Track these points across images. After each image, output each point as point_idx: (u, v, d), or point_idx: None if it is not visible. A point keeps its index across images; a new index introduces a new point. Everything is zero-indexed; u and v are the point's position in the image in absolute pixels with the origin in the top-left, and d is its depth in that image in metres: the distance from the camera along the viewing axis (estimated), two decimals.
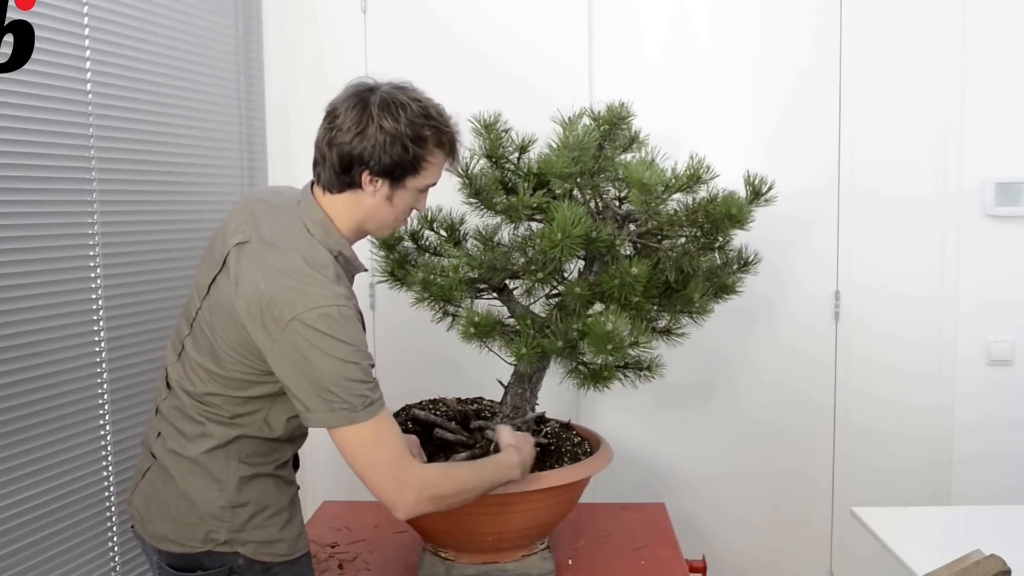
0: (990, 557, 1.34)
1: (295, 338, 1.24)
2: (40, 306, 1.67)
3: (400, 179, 1.35)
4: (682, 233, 1.65)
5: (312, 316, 1.24)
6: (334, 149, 1.33)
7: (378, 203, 1.37)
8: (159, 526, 1.39)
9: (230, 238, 1.36)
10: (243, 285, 1.29)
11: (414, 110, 1.33)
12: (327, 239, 1.35)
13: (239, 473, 1.36)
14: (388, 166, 1.33)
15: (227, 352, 1.32)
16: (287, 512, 1.43)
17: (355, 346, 1.27)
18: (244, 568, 1.37)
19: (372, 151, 1.31)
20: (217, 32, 2.31)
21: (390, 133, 1.31)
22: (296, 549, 1.42)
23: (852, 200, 2.47)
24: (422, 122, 1.33)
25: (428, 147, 1.35)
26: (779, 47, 2.47)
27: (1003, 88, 2.39)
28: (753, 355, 2.54)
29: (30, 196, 1.65)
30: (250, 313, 1.27)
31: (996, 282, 2.44)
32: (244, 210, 1.41)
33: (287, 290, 1.25)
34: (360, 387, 1.27)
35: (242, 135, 2.44)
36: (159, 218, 2.04)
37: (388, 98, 1.32)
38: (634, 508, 2.10)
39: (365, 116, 1.31)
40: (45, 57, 1.65)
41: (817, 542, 2.56)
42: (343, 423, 1.27)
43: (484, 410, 1.88)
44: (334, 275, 1.31)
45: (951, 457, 2.48)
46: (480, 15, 2.53)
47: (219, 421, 1.36)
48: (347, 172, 1.34)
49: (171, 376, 1.41)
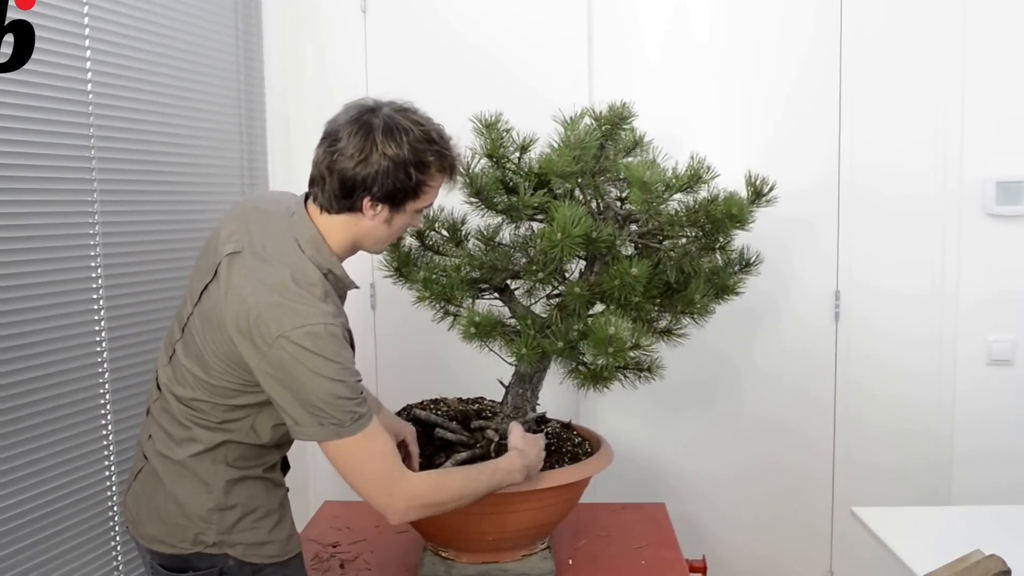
0: (990, 557, 1.34)
1: (282, 355, 1.24)
2: (41, 306, 1.67)
3: (401, 203, 1.35)
4: (683, 233, 1.65)
5: (299, 334, 1.24)
6: (335, 174, 1.32)
7: (376, 225, 1.37)
8: (149, 527, 1.40)
9: (222, 246, 1.36)
10: (232, 297, 1.29)
11: (416, 135, 1.32)
12: (317, 256, 1.35)
13: (226, 476, 1.37)
14: (390, 192, 1.32)
15: (215, 361, 1.32)
16: (277, 514, 1.43)
17: (342, 364, 1.27)
18: (234, 569, 1.37)
19: (375, 178, 1.31)
20: (217, 32, 2.31)
21: (393, 160, 1.30)
22: (287, 551, 1.42)
23: (852, 200, 2.47)
24: (425, 147, 1.33)
25: (431, 172, 1.35)
26: (779, 46, 2.47)
27: (1003, 87, 2.39)
28: (753, 355, 2.54)
29: (31, 196, 1.65)
30: (238, 327, 1.27)
31: (996, 281, 2.44)
32: (238, 217, 1.41)
33: (275, 307, 1.25)
34: (348, 404, 1.27)
35: (242, 135, 2.44)
36: (159, 218, 2.04)
37: (391, 123, 1.31)
38: (634, 508, 2.11)
39: (368, 142, 1.30)
40: (45, 57, 1.65)
41: (817, 542, 2.57)
42: (332, 437, 1.28)
43: (485, 410, 1.88)
44: (322, 293, 1.30)
45: (951, 456, 2.49)
46: (480, 15, 2.53)
47: (206, 426, 1.36)
48: (348, 197, 1.33)
49: (161, 378, 1.42)
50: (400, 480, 1.34)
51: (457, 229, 1.87)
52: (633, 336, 1.53)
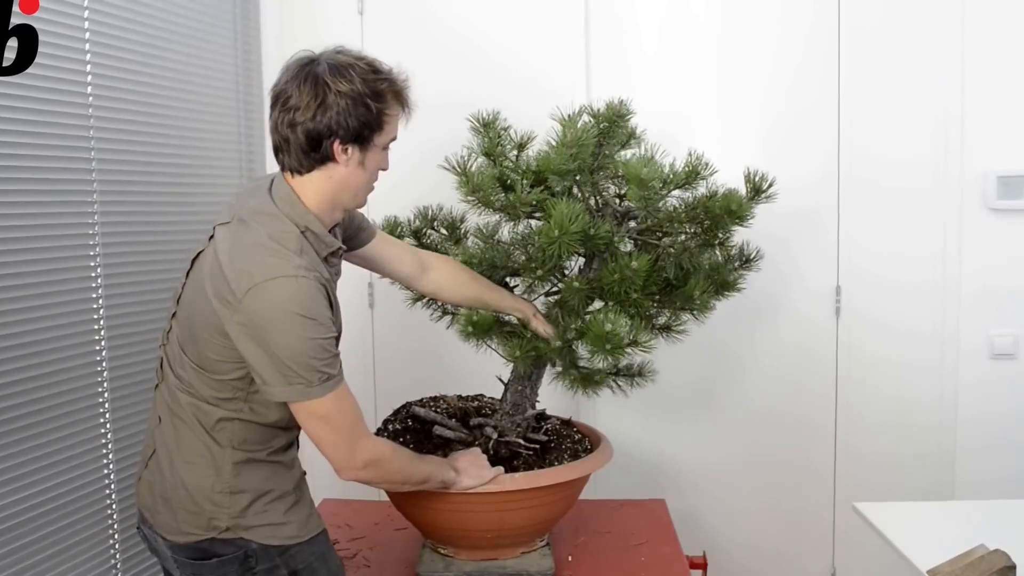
0: (995, 552, 1.33)
1: (252, 309, 1.24)
2: (41, 305, 1.67)
3: (368, 140, 1.34)
4: (682, 230, 1.64)
5: (269, 286, 1.24)
6: (298, 129, 1.31)
7: (351, 171, 1.36)
8: (165, 516, 1.39)
9: (218, 219, 1.39)
10: (213, 262, 1.31)
11: (363, 68, 1.32)
12: (292, 213, 1.34)
13: (233, 459, 1.36)
14: (356, 129, 1.32)
15: (202, 333, 1.32)
16: (292, 496, 1.42)
17: (314, 319, 1.26)
18: (258, 552, 1.37)
19: (337, 119, 1.30)
20: (216, 33, 2.31)
21: (350, 96, 1.30)
22: (307, 531, 1.42)
23: (852, 194, 2.46)
24: (374, 77, 1.33)
25: (387, 100, 1.35)
26: (777, 40, 2.46)
27: (1004, 81, 2.38)
28: (755, 350, 2.54)
29: (31, 197, 1.65)
30: (215, 289, 1.28)
31: (998, 276, 2.43)
32: (237, 195, 1.44)
33: (247, 262, 1.26)
34: (317, 362, 1.27)
35: (240, 135, 2.44)
36: (159, 217, 2.04)
37: (335, 63, 1.31)
38: (634, 504, 2.10)
39: (320, 87, 1.29)
40: (45, 60, 1.65)
41: (820, 537, 2.56)
42: (299, 398, 1.29)
43: (485, 407, 1.87)
44: (297, 247, 1.30)
45: (954, 451, 2.48)
46: (477, 14, 2.52)
47: (203, 406, 1.35)
48: (316, 149, 1.32)
49: (164, 359, 1.42)
50: (365, 439, 1.37)
51: (456, 227, 1.87)
52: (631, 332, 1.52)
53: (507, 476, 1.59)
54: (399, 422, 1.80)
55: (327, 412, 1.31)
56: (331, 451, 1.35)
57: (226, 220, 1.36)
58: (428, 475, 1.50)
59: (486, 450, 1.66)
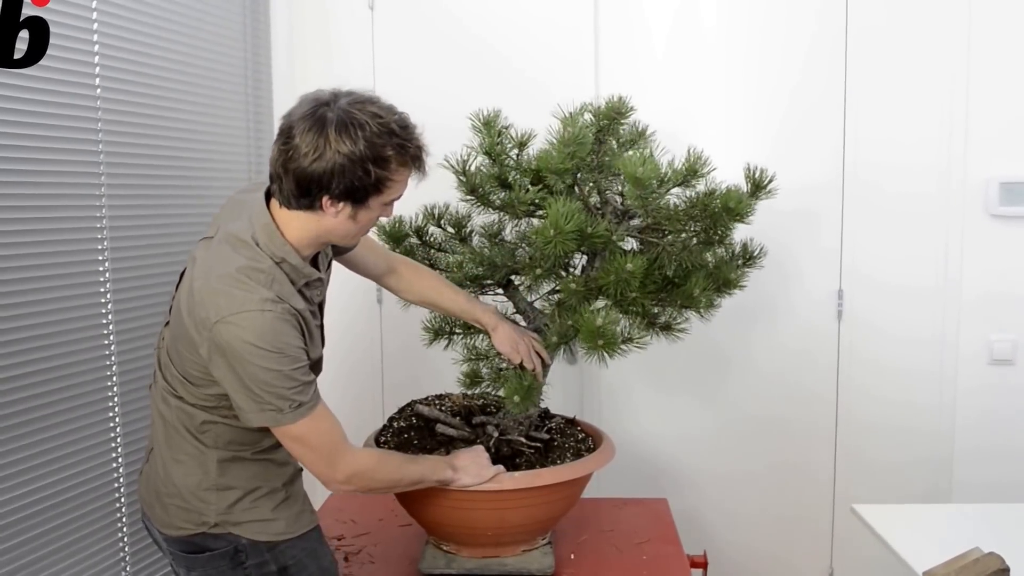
0: (989, 555, 1.35)
1: (219, 341, 1.25)
2: (50, 299, 1.69)
3: (363, 200, 1.29)
4: (682, 228, 1.65)
5: (235, 319, 1.24)
6: (291, 173, 1.26)
7: (340, 222, 1.32)
8: (158, 510, 1.43)
9: (206, 231, 1.40)
10: (187, 283, 1.32)
11: (373, 128, 1.25)
12: (270, 244, 1.31)
13: (217, 457, 1.39)
14: (350, 189, 1.26)
15: (184, 351, 1.34)
16: (282, 492, 1.43)
17: (279, 351, 1.25)
18: (248, 547, 1.39)
19: (331, 176, 1.25)
20: (225, 29, 2.32)
21: (349, 157, 1.24)
22: (297, 527, 1.43)
23: (856, 197, 2.47)
24: (383, 141, 1.26)
25: (391, 167, 1.28)
26: (784, 42, 2.47)
27: (1008, 88, 2.39)
28: (756, 352, 2.55)
29: (39, 191, 1.66)
30: (189, 311, 1.29)
31: (999, 282, 2.44)
32: (224, 207, 1.44)
33: (214, 293, 1.26)
34: (285, 391, 1.27)
35: (250, 131, 2.45)
36: (167, 212, 2.06)
37: (346, 117, 1.24)
38: (636, 503, 2.11)
39: (322, 139, 1.23)
40: (54, 52, 1.66)
41: (818, 538, 2.58)
42: (272, 424, 1.30)
43: (489, 405, 1.89)
44: (267, 280, 1.28)
45: (952, 454, 2.49)
46: (487, 11, 2.53)
47: (189, 407, 1.37)
48: (306, 196, 1.28)
49: (157, 361, 1.44)
50: (345, 454, 1.38)
51: (462, 226, 1.88)
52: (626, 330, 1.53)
53: (507, 475, 1.59)
54: (403, 420, 1.82)
55: (302, 435, 1.32)
56: (311, 467, 1.37)
57: (209, 235, 1.37)
58: (421, 476, 1.50)
59: (488, 448, 1.67)
